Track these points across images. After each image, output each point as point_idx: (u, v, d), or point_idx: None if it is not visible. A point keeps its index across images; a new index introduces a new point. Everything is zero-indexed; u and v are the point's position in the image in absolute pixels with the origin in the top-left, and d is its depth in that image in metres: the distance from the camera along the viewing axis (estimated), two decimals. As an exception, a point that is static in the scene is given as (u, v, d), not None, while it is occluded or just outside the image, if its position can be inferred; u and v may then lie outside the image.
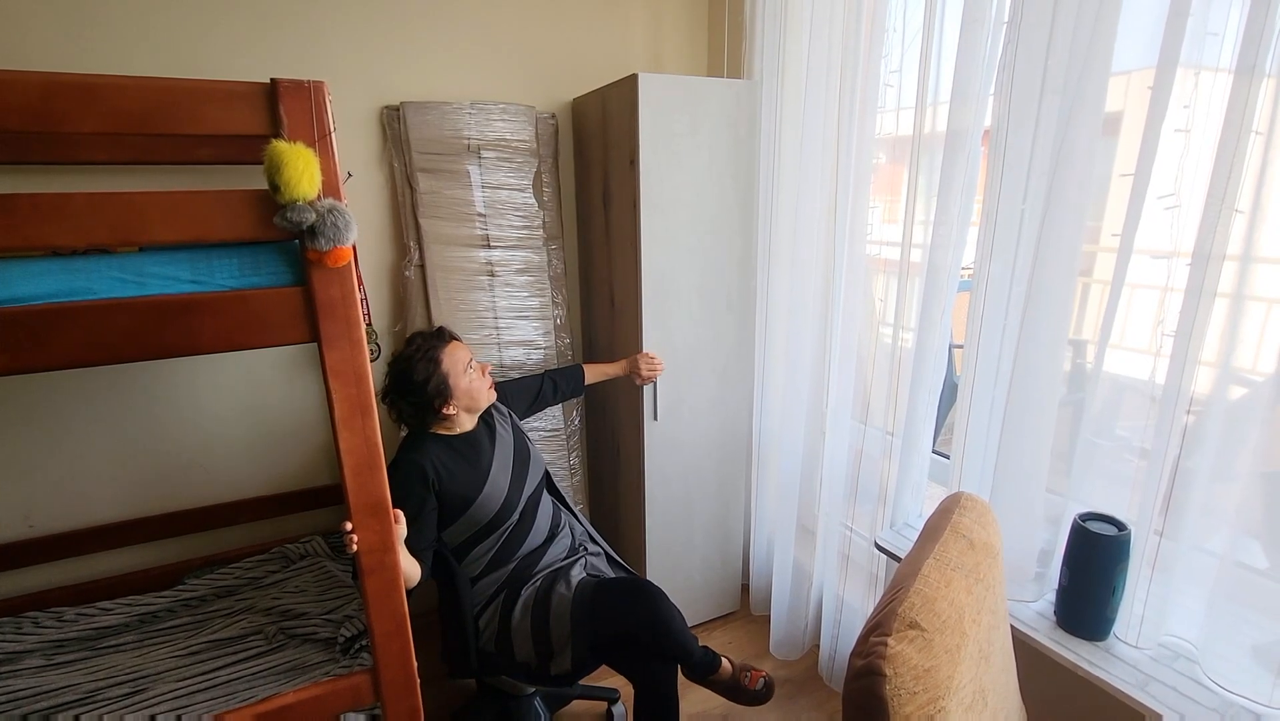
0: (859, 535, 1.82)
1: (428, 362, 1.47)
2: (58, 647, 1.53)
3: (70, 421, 1.73)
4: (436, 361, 1.48)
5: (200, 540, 1.90)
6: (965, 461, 1.43)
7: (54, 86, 0.87)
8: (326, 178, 0.97)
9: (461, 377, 1.50)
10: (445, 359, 1.49)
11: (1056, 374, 1.27)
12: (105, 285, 0.96)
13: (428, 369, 1.47)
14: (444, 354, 1.50)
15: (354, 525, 1.12)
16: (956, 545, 0.95)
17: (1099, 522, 1.21)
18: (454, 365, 1.50)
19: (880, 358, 1.74)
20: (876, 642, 0.76)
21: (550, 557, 1.62)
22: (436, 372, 1.47)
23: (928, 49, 1.42)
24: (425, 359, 1.47)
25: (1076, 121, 1.16)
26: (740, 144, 1.92)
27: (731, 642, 2.16)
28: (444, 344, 1.52)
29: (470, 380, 1.52)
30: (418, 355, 1.48)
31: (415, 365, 1.47)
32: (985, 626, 0.89)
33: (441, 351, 1.50)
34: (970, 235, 1.41)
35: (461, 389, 1.50)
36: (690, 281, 1.94)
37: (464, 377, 1.51)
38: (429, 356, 1.48)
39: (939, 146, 1.42)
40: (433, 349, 1.49)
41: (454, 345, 1.54)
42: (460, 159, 1.96)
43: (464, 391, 1.51)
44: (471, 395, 1.52)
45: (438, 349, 1.50)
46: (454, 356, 1.51)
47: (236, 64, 1.74)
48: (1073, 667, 1.17)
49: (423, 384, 1.46)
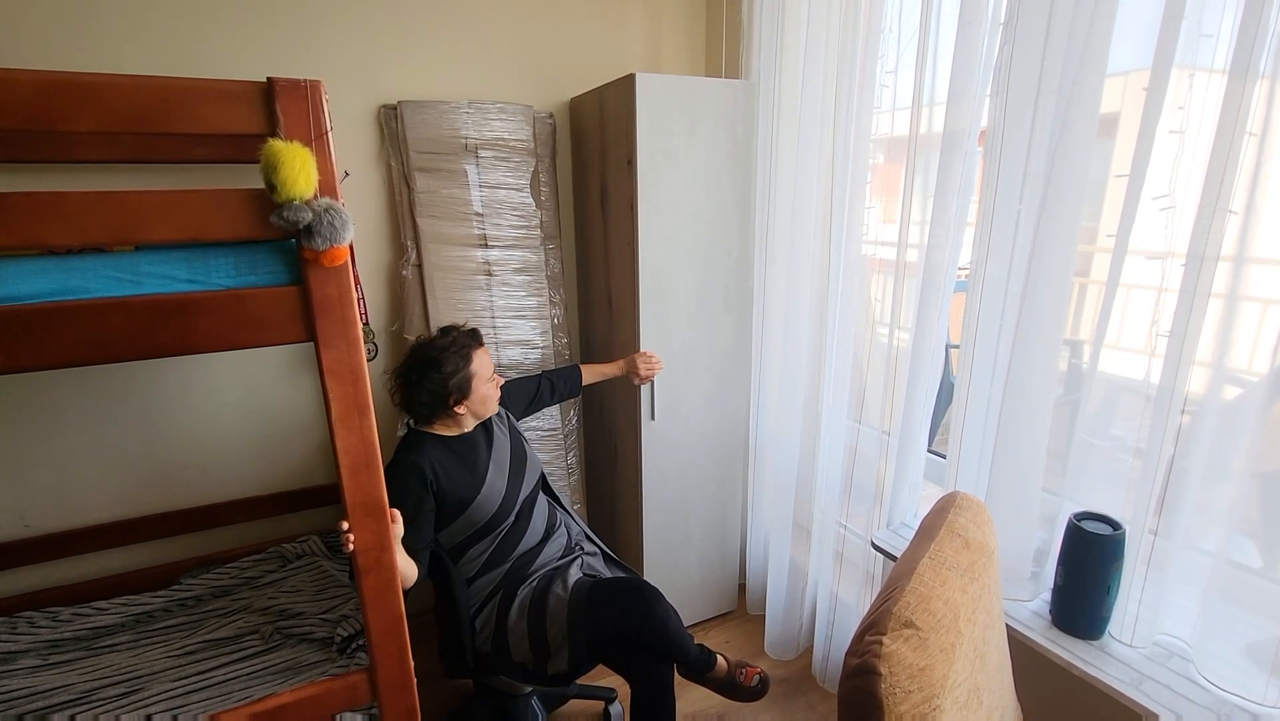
0: (854, 534, 1.82)
1: (461, 359, 1.50)
2: (53, 648, 1.52)
3: (66, 420, 1.72)
4: (469, 360, 1.51)
5: (196, 540, 1.90)
6: (961, 461, 1.44)
7: (49, 85, 0.86)
8: (323, 177, 0.97)
9: (484, 384, 1.54)
10: (476, 360, 1.53)
11: (1052, 374, 1.28)
12: (101, 284, 0.95)
13: (458, 364, 1.49)
14: (476, 355, 1.53)
15: (351, 524, 1.12)
16: (952, 544, 0.95)
17: (1094, 522, 1.22)
18: (481, 369, 1.54)
19: (876, 357, 1.74)
20: (872, 641, 0.77)
21: (546, 557, 1.62)
22: (465, 370, 1.50)
23: (924, 50, 1.42)
24: (460, 354, 1.50)
25: (1072, 122, 1.17)
26: (738, 144, 1.92)
27: (728, 642, 2.16)
28: (478, 346, 1.56)
29: (488, 389, 1.56)
30: (453, 347, 1.50)
31: (448, 356, 1.48)
32: (980, 625, 0.89)
33: (475, 352, 1.53)
34: (966, 236, 1.42)
35: (479, 394, 1.53)
36: (687, 281, 1.94)
37: (486, 385, 1.54)
38: (463, 353, 1.51)
39: (935, 147, 1.43)
40: (468, 347, 1.53)
41: (484, 350, 1.57)
42: (458, 158, 1.95)
43: (480, 398, 1.54)
44: (485, 403, 1.56)
45: (472, 348, 1.53)
46: (483, 361, 1.55)
47: (233, 63, 1.73)
48: (1068, 666, 1.18)
49: (449, 376, 1.48)
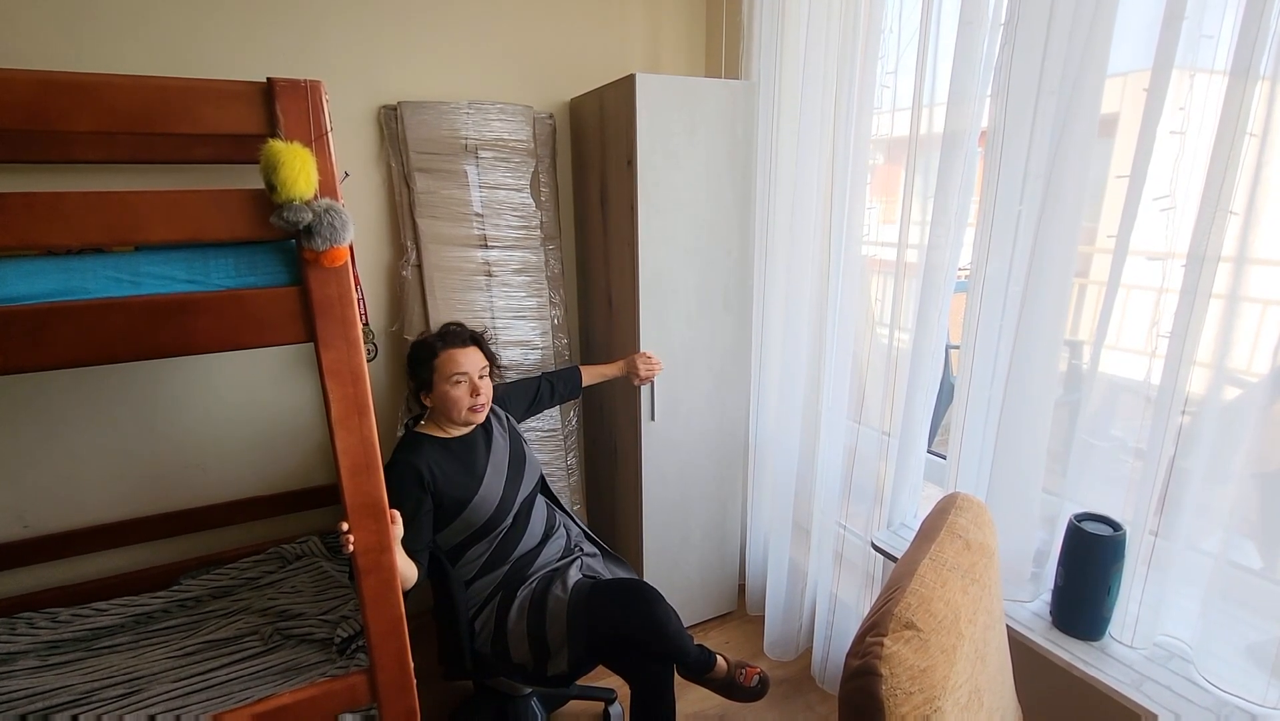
0: (854, 534, 1.82)
1: (427, 352, 1.56)
2: (52, 649, 1.52)
3: (66, 421, 1.72)
4: (434, 354, 1.55)
5: (196, 540, 1.90)
6: (962, 461, 1.44)
7: (49, 85, 0.86)
8: (323, 177, 0.97)
9: (445, 383, 1.54)
10: (443, 357, 1.54)
11: (1052, 374, 1.28)
12: (100, 285, 0.95)
13: (421, 357, 1.57)
14: (445, 353, 1.55)
15: (351, 525, 1.12)
16: (953, 545, 0.95)
17: (1094, 523, 1.22)
18: (444, 366, 1.54)
19: (876, 358, 1.74)
20: (873, 643, 0.76)
21: (545, 558, 1.62)
22: (428, 364, 1.56)
23: (924, 50, 1.42)
24: (426, 348, 1.57)
25: (1073, 123, 1.17)
26: (738, 144, 1.92)
27: (728, 643, 2.16)
28: (449, 347, 1.55)
29: (449, 390, 1.54)
30: (425, 341, 1.59)
31: (416, 350, 1.59)
32: (981, 626, 0.89)
33: (446, 350, 1.55)
34: (966, 236, 1.42)
35: (438, 391, 1.55)
36: (687, 281, 1.94)
37: (447, 383, 1.54)
38: (430, 348, 1.56)
39: (936, 147, 1.43)
40: (436, 344, 1.56)
41: (460, 352, 1.55)
42: (458, 159, 1.95)
43: (439, 394, 1.55)
44: (445, 402, 1.54)
45: (442, 346, 1.56)
46: (452, 361, 1.54)
47: (232, 63, 1.73)
48: (1068, 667, 1.18)
49: (413, 368, 1.59)
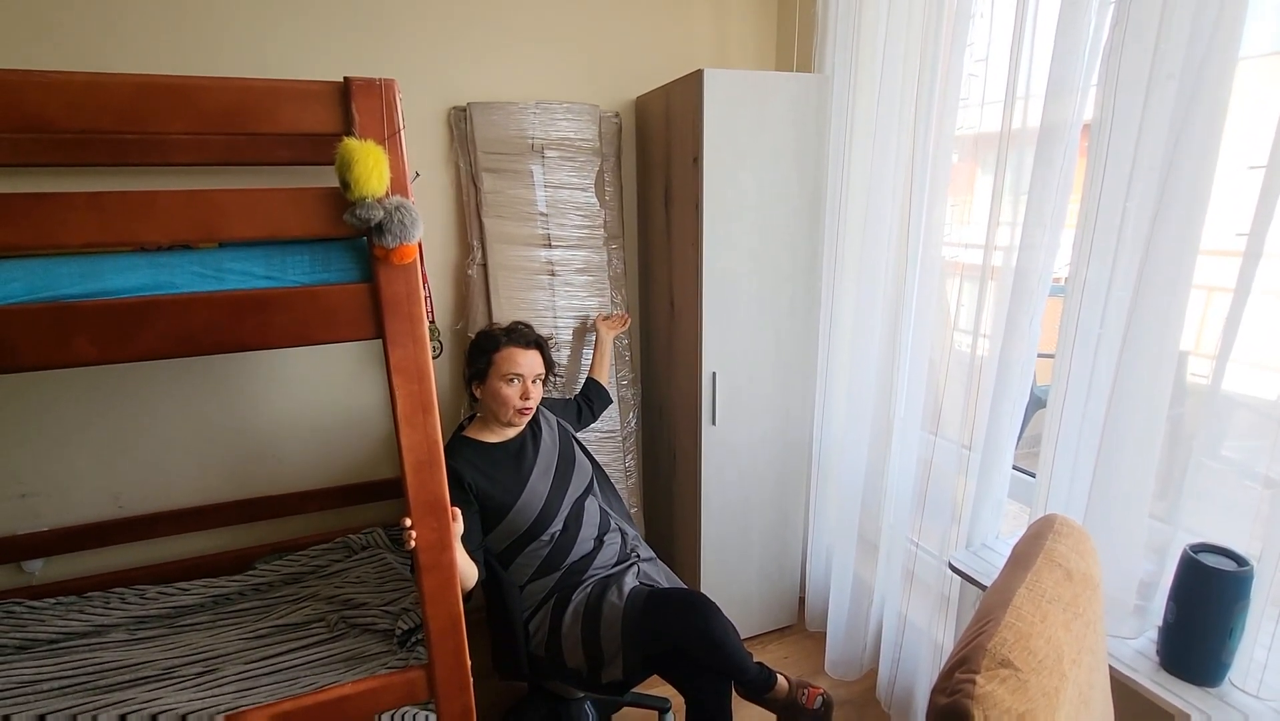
0: (927, 552, 1.72)
1: (489, 342, 1.59)
2: (140, 623, 1.61)
3: (154, 413, 1.82)
4: (497, 347, 1.57)
5: (270, 527, 1.98)
6: (1054, 480, 1.32)
7: (144, 88, 0.90)
8: (395, 175, 0.98)
9: (499, 379, 1.55)
10: (504, 353, 1.56)
11: (1163, 389, 1.15)
12: (186, 280, 0.99)
13: (480, 345, 1.60)
14: (506, 350, 1.56)
15: (413, 522, 1.12)
16: (1052, 575, 0.86)
17: (1214, 555, 1.09)
18: (501, 363, 1.55)
19: (954, 366, 1.63)
20: (963, 680, 0.69)
21: (600, 562, 1.60)
22: (483, 358, 1.58)
23: (1020, 34, 1.32)
24: (489, 341, 1.59)
25: (1195, 111, 1.05)
26: (808, 140, 1.85)
27: (787, 658, 2.08)
28: (511, 345, 1.57)
29: (500, 387, 1.55)
30: (489, 334, 1.61)
31: (480, 339, 1.62)
32: (1086, 667, 0.80)
33: (508, 346, 1.57)
34: (1064, 238, 1.30)
35: (490, 385, 1.56)
36: (752, 283, 1.88)
37: (500, 380, 1.55)
38: (492, 341, 1.58)
39: (1030, 142, 1.32)
40: (499, 340, 1.58)
41: (521, 352, 1.57)
42: (524, 159, 1.96)
43: (490, 389, 1.57)
44: (494, 398, 1.56)
45: (503, 344, 1.57)
46: (511, 359, 1.55)
47: (312, 66, 1.79)
48: (1179, 716, 1.06)
49: (471, 357, 1.61)
